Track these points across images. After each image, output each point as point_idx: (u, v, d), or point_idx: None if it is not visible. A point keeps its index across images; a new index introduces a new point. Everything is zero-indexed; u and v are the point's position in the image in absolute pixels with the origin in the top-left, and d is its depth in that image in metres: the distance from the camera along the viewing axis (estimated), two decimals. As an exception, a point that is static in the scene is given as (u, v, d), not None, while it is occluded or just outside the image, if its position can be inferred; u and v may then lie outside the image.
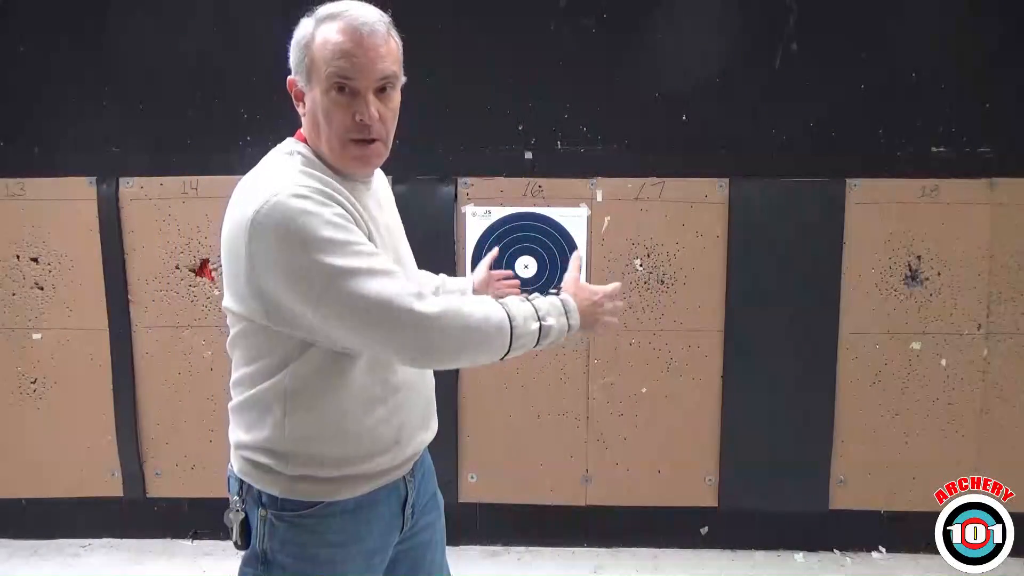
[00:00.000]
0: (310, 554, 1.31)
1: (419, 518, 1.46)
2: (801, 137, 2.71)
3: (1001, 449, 2.75)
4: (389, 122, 1.29)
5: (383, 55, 1.24)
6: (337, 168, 1.30)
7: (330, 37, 1.23)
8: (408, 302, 1.17)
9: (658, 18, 2.66)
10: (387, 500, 1.37)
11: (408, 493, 1.40)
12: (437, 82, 2.62)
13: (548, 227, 2.74)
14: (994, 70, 2.65)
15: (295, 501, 1.30)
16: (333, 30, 1.23)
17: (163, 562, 2.83)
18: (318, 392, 1.26)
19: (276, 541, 1.31)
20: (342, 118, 1.25)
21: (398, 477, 1.38)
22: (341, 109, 1.24)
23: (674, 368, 2.79)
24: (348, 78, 1.23)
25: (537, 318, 1.28)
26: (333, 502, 1.30)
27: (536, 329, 1.27)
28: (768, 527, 2.85)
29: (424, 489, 1.47)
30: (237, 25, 2.69)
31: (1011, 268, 2.70)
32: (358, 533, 1.34)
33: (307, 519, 1.30)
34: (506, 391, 2.79)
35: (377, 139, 1.28)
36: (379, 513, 1.36)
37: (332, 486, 1.30)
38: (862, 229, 2.70)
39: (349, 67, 1.22)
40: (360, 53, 1.22)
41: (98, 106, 2.74)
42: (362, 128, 1.25)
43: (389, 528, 1.39)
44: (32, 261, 2.80)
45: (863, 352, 2.75)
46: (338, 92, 1.24)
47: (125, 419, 2.84)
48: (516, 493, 2.85)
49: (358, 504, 1.33)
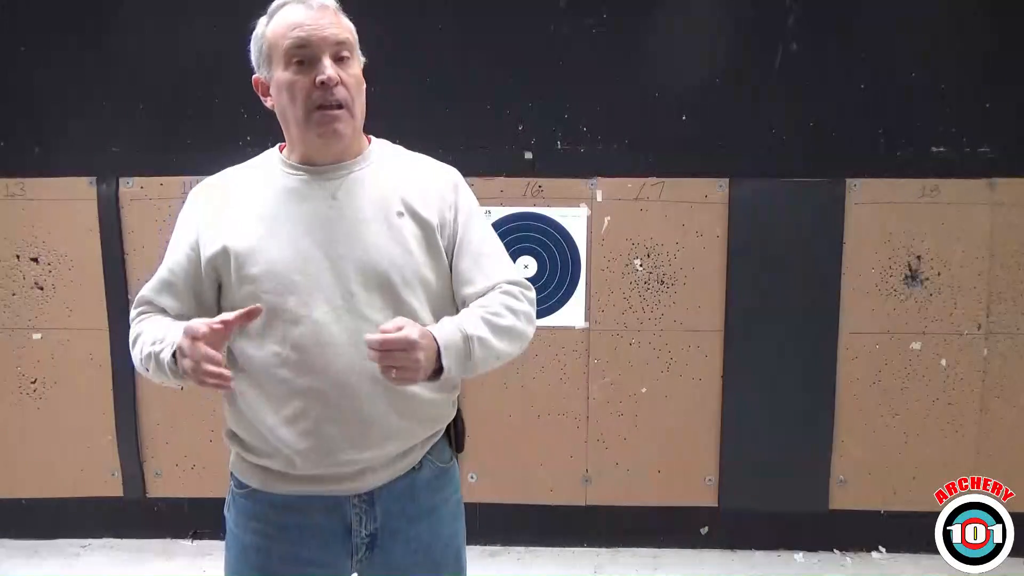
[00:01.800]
0: (242, 535, 1.39)
1: (396, 562, 1.38)
2: (801, 137, 2.71)
3: (1001, 449, 2.75)
4: (353, 89, 1.31)
5: (336, 22, 1.31)
6: (306, 156, 1.34)
7: (282, 19, 1.30)
8: (135, 300, 1.38)
9: (658, 18, 2.66)
10: (324, 514, 1.34)
11: (354, 520, 1.34)
12: (437, 82, 2.62)
13: (548, 227, 2.74)
14: (994, 70, 2.65)
15: (236, 478, 1.40)
16: (284, 13, 1.31)
17: (163, 562, 2.83)
18: (236, 377, 1.27)
19: (228, 510, 1.43)
20: (304, 87, 1.28)
21: (332, 494, 1.33)
22: (302, 79, 1.28)
23: (674, 368, 2.79)
24: (304, 47, 1.28)
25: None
26: (260, 490, 1.36)
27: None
28: (768, 527, 2.85)
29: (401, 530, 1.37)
30: (237, 25, 2.67)
31: (1011, 268, 2.70)
32: (286, 533, 1.35)
33: (245, 499, 1.38)
34: (506, 391, 2.79)
35: (343, 105, 1.29)
36: (314, 523, 1.34)
37: (256, 474, 1.36)
38: (862, 229, 2.70)
39: (304, 36, 1.27)
40: (311, 21, 1.28)
41: (98, 106, 2.74)
42: (324, 91, 1.27)
43: (328, 545, 1.35)
44: (32, 261, 2.80)
45: (863, 352, 2.75)
46: (298, 65, 1.28)
47: (125, 419, 2.84)
48: (516, 493, 2.85)
49: (286, 504, 1.35)
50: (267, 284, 1.28)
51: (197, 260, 1.33)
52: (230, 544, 1.42)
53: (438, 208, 1.37)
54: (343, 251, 1.30)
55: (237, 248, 1.30)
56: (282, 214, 1.32)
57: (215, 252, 1.31)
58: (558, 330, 2.77)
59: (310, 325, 1.28)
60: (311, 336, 1.28)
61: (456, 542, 1.47)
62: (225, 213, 1.33)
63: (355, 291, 1.29)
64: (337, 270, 1.29)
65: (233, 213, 1.33)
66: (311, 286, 1.28)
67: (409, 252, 1.33)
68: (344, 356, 1.28)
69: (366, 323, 1.28)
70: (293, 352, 1.28)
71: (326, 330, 1.28)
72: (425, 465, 1.41)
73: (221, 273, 1.32)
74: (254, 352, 1.31)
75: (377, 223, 1.32)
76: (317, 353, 1.28)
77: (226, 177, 1.40)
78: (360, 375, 1.28)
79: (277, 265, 1.29)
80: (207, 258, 1.32)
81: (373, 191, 1.35)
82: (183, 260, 1.35)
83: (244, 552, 1.39)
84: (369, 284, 1.30)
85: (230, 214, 1.33)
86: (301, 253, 1.29)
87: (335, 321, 1.28)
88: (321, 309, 1.28)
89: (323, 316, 1.28)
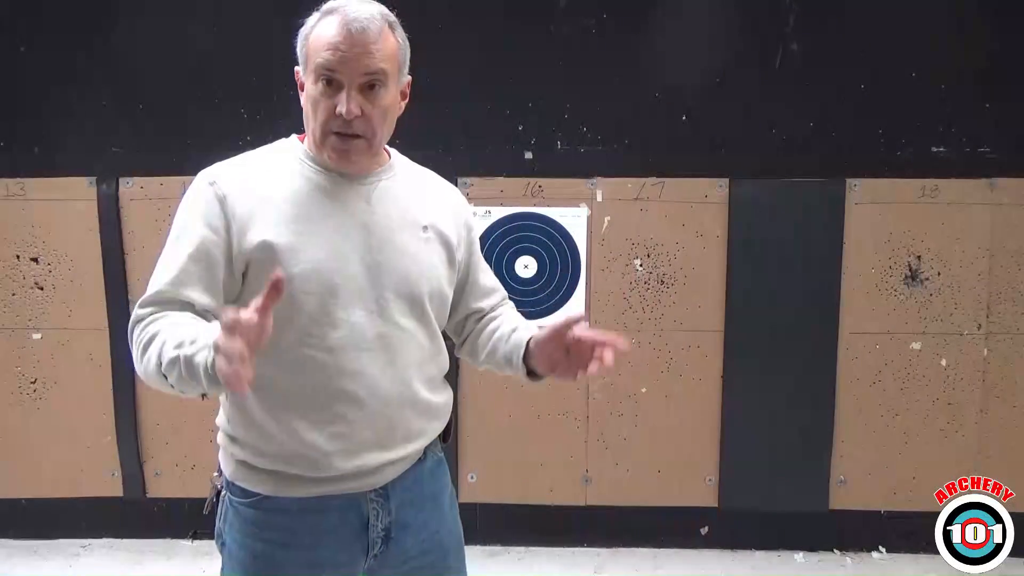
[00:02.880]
0: (250, 546, 1.33)
1: (407, 552, 1.38)
2: (801, 137, 2.71)
3: (1001, 449, 2.75)
4: (375, 119, 1.27)
5: (371, 52, 1.24)
6: (321, 159, 1.32)
7: (324, 30, 1.25)
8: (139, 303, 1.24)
9: (658, 18, 2.66)
10: (341, 513, 1.32)
11: (371, 515, 1.34)
12: (437, 82, 2.61)
13: (548, 227, 2.74)
14: (994, 70, 2.65)
15: (239, 488, 1.33)
16: (328, 23, 1.25)
17: (163, 562, 2.83)
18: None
19: (227, 523, 1.36)
20: (325, 109, 1.26)
21: (349, 492, 1.32)
22: (325, 100, 1.25)
23: (674, 368, 2.79)
24: (332, 71, 1.24)
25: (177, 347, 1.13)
26: (271, 497, 1.31)
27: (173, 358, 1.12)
28: (768, 527, 2.85)
29: (411, 521, 1.38)
30: (237, 25, 2.69)
31: (1011, 268, 2.70)
32: (301, 538, 1.31)
33: (249, 509, 1.32)
34: (506, 391, 2.79)
35: (360, 135, 1.27)
36: (330, 524, 1.32)
37: (268, 480, 1.31)
38: (862, 229, 2.70)
39: (335, 60, 1.23)
40: (347, 48, 1.23)
41: (98, 106, 2.74)
42: (342, 122, 1.25)
43: (345, 545, 1.33)
44: (32, 261, 2.80)
45: (863, 352, 2.75)
46: (325, 84, 1.25)
47: (125, 419, 2.84)
48: (516, 493, 2.85)
49: (302, 507, 1.31)
50: (308, 285, 1.25)
51: (227, 248, 1.25)
52: (234, 554, 1.35)
53: (455, 224, 1.42)
54: (379, 257, 1.30)
55: (279, 244, 1.24)
56: (317, 212, 1.28)
57: (254, 245, 1.24)
58: (558, 330, 2.77)
59: (348, 328, 1.27)
60: (349, 339, 1.27)
61: (457, 528, 1.51)
62: (258, 203, 1.26)
63: (388, 298, 1.30)
64: (373, 275, 1.29)
65: (267, 206, 1.26)
66: (351, 289, 1.28)
67: (434, 266, 1.36)
68: (377, 361, 1.29)
69: (395, 328, 1.30)
70: (330, 355, 1.26)
71: (362, 334, 1.28)
72: (428, 456, 1.43)
73: (252, 268, 1.25)
74: (286, 353, 1.26)
75: (407, 233, 1.34)
76: (354, 357, 1.27)
77: (248, 165, 1.32)
78: (391, 380, 1.30)
79: (320, 265, 1.25)
80: (244, 249, 1.24)
81: (401, 202, 1.35)
82: (208, 246, 1.24)
83: (254, 562, 1.33)
84: (400, 292, 1.31)
85: (264, 207, 1.26)
86: (341, 255, 1.27)
87: (370, 326, 1.28)
88: (358, 313, 1.28)
89: (360, 320, 1.28)
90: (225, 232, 1.25)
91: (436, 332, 1.38)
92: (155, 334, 1.18)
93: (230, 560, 1.36)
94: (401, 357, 1.31)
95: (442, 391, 1.42)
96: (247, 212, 1.25)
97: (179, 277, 1.23)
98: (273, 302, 1.06)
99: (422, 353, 1.35)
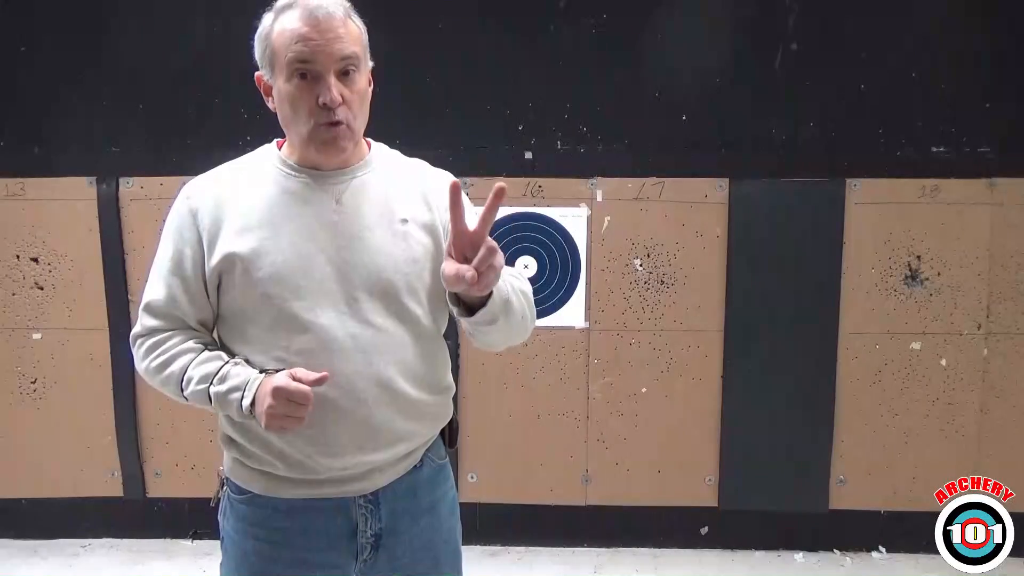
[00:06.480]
0: (243, 542, 1.36)
1: (398, 560, 1.38)
2: (801, 137, 2.71)
3: (1001, 449, 2.75)
4: (355, 105, 1.27)
5: (341, 36, 1.24)
6: (308, 160, 1.31)
7: (287, 25, 1.24)
8: (141, 309, 1.33)
9: (658, 18, 2.66)
10: (329, 516, 1.33)
11: (360, 521, 1.34)
12: (437, 82, 2.62)
13: (548, 227, 2.74)
14: (994, 70, 2.65)
15: (234, 484, 1.37)
16: (290, 18, 1.24)
17: (163, 562, 2.83)
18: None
19: (225, 517, 1.40)
20: (306, 103, 1.25)
21: (337, 496, 1.32)
22: (304, 95, 1.24)
23: (674, 368, 2.79)
24: (307, 62, 1.23)
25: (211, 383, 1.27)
26: (262, 496, 1.33)
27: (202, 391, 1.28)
28: (768, 527, 2.85)
29: (404, 530, 1.38)
30: (236, 25, 2.68)
31: (1011, 268, 2.70)
32: (291, 538, 1.33)
33: (243, 506, 1.35)
34: (506, 391, 2.79)
35: (342, 122, 1.26)
36: (319, 527, 1.33)
37: (259, 479, 1.33)
38: (862, 229, 2.70)
39: (308, 51, 1.22)
40: (317, 36, 1.22)
41: (98, 106, 2.75)
42: (327, 111, 1.24)
43: (334, 548, 1.34)
44: (32, 261, 2.80)
45: (863, 352, 2.75)
46: (300, 79, 1.24)
47: (125, 419, 2.84)
48: (516, 493, 2.85)
49: (291, 508, 1.32)
50: (272, 288, 1.26)
51: (200, 261, 1.30)
52: (228, 550, 1.39)
53: (435, 205, 1.36)
54: (347, 257, 1.28)
55: (242, 253, 1.26)
56: (284, 217, 1.29)
57: (221, 257, 1.27)
58: (558, 330, 2.77)
59: (317, 331, 1.26)
60: (318, 342, 1.26)
61: (454, 537, 1.48)
62: (225, 216, 1.29)
63: (359, 297, 1.28)
64: (342, 276, 1.28)
65: (233, 217, 1.29)
66: (317, 291, 1.27)
67: (413, 260, 1.31)
68: (350, 362, 1.27)
69: (369, 328, 1.28)
70: (299, 358, 1.26)
71: (332, 336, 1.26)
72: (425, 463, 1.41)
73: (224, 279, 1.29)
74: (257, 358, 1.28)
75: (381, 229, 1.31)
76: (324, 359, 1.25)
77: (220, 177, 1.35)
78: (367, 380, 1.28)
79: (282, 269, 1.26)
80: (213, 262, 1.28)
81: (376, 197, 1.33)
82: (183, 261, 1.30)
83: (245, 558, 1.36)
84: (373, 291, 1.29)
85: (231, 217, 1.29)
86: (305, 257, 1.27)
87: (340, 327, 1.27)
88: (327, 314, 1.27)
89: (329, 321, 1.26)
90: (197, 245, 1.30)
91: (426, 329, 1.33)
92: (172, 358, 1.31)
93: (227, 554, 1.39)
94: (380, 357, 1.28)
95: (437, 391, 1.38)
96: (215, 224, 1.29)
97: (169, 293, 1.32)
98: (317, 384, 1.19)
99: (406, 352, 1.31)
